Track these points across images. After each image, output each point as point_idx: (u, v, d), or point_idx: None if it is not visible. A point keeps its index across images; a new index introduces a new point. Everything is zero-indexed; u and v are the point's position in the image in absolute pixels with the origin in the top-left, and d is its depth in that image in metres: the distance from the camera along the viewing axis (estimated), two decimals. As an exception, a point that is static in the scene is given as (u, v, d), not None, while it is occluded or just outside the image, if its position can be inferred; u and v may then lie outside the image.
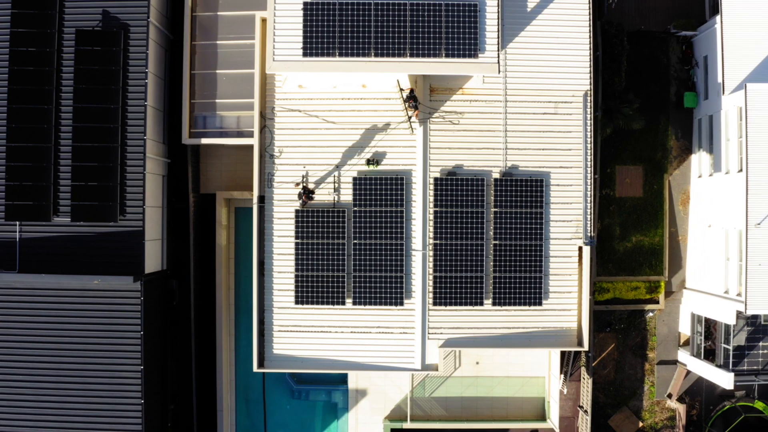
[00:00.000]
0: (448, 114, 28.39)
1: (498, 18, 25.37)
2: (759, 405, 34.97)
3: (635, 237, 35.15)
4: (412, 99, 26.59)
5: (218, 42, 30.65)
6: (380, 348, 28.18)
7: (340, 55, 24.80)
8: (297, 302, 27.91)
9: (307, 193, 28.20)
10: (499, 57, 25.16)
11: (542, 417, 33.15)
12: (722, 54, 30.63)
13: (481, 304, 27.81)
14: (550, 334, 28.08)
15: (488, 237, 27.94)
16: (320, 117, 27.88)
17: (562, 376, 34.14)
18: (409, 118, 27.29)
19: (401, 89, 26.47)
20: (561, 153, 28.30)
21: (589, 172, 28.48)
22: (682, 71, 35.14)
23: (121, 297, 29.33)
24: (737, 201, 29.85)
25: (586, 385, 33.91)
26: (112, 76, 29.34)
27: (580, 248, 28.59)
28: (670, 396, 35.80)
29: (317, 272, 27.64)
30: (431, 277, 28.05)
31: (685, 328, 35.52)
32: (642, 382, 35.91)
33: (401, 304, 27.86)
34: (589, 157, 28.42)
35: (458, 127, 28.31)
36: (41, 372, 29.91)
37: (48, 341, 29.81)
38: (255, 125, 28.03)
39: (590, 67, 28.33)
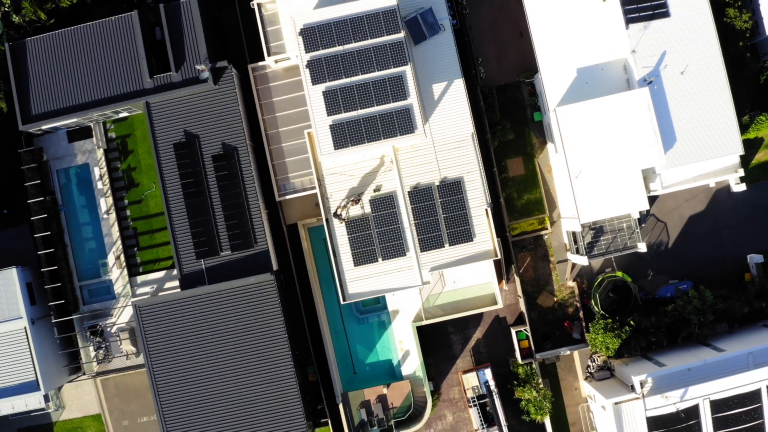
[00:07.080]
0: (408, 159, 54.66)
1: (420, 110, 51.47)
2: (619, 274, 59.01)
3: (526, 196, 59.86)
4: (344, 206, 52.69)
5: (283, 145, 57.17)
6: (399, 279, 52.71)
7: (351, 145, 50.92)
8: (355, 265, 53.08)
9: (339, 216, 53.93)
10: (425, 129, 51.33)
11: (495, 303, 57.61)
12: (545, 90, 55.94)
13: (443, 246, 53.34)
14: (479, 254, 53.29)
15: (440, 214, 54.15)
16: (346, 174, 54.12)
17: (503, 280, 60.19)
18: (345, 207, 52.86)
19: (339, 208, 52.62)
20: (467, 166, 53.47)
21: (482, 174, 53.46)
22: (531, 100, 60.01)
23: (264, 286, 54.01)
24: (565, 165, 55.26)
25: (517, 282, 60.13)
26: (235, 175, 55.81)
27: (486, 210, 54.58)
28: (567, 279, 60.00)
29: (361, 248, 53.73)
30: (417, 239, 53.90)
31: (566, 240, 60.97)
32: (550, 276, 58.85)
33: (405, 255, 52.88)
34: (481, 166, 53.72)
35: (415, 164, 53.93)
36: (225, 336, 54.45)
37: (227, 318, 54.21)
38: (316, 184, 53.63)
39: (472, 120, 53.53)
